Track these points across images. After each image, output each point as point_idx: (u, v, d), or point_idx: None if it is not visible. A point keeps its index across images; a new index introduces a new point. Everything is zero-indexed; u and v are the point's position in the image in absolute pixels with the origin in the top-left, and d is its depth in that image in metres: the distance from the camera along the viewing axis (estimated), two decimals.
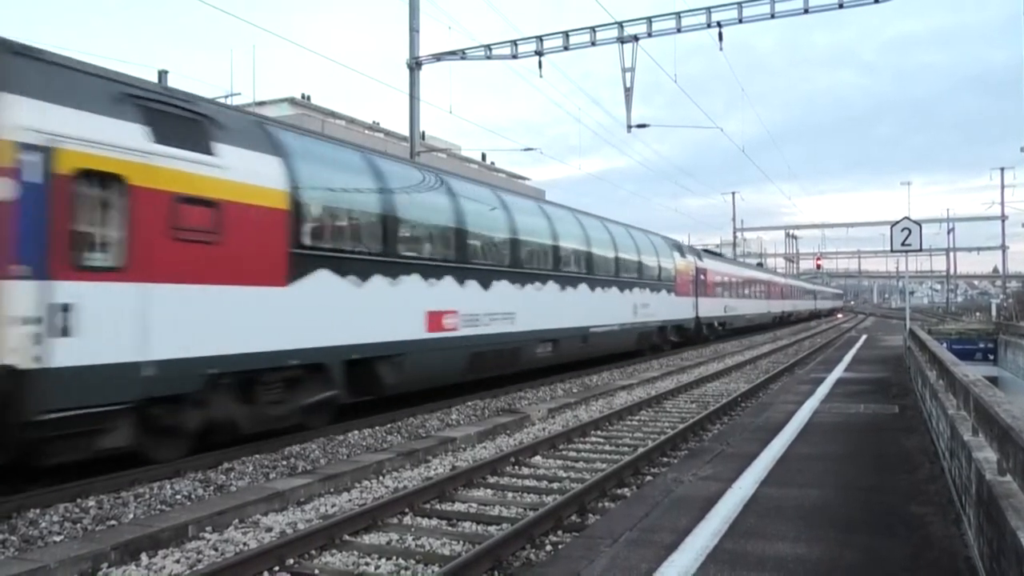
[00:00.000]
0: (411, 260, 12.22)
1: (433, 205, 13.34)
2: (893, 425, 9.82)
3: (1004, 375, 29.42)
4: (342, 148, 11.98)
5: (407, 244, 12.38)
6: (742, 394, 15.17)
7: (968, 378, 6.48)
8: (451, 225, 13.61)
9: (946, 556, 4.81)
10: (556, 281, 17.24)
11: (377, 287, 11.24)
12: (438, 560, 5.91)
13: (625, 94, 20.95)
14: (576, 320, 18.09)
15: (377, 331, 11.23)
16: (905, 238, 19.45)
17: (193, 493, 7.52)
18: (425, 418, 11.92)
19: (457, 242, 13.68)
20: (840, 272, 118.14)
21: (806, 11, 18.78)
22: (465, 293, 13.51)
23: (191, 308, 8.20)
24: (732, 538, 5.16)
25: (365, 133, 52.18)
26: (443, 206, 13.56)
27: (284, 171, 9.61)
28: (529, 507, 7.41)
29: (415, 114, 21.64)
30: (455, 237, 13.66)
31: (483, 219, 14.92)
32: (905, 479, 6.88)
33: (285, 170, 9.62)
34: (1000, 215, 64.61)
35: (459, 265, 13.49)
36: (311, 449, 9.47)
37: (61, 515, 6.69)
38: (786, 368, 21.11)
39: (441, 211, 13.47)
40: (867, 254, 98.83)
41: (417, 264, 12.32)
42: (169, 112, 8.32)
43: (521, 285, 15.57)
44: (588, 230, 19.88)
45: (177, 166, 8.09)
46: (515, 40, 21.14)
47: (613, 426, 12.21)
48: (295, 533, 6.33)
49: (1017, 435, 3.70)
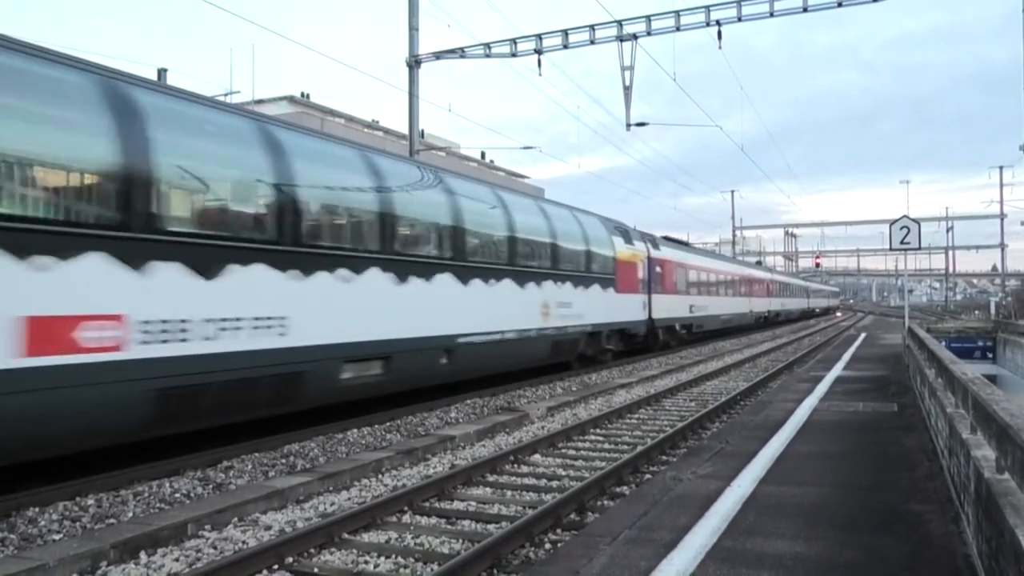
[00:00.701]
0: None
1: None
2: (892, 423, 9.83)
3: (1003, 373, 29.46)
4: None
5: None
6: (741, 392, 15.18)
7: (967, 376, 6.49)
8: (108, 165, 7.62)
9: (945, 554, 4.82)
10: (387, 267, 11.32)
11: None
12: (437, 558, 5.91)
13: (624, 92, 20.96)
14: (429, 325, 12.26)
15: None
16: (904, 236, 19.48)
17: (192, 491, 7.52)
18: (424, 416, 11.92)
19: (121, 195, 7.65)
20: (839, 270, 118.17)
21: (805, 9, 18.78)
22: (150, 284, 7.74)
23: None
24: (731, 536, 5.17)
25: (364, 131, 52.21)
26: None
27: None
28: (528, 505, 7.41)
29: (414, 112, 21.63)
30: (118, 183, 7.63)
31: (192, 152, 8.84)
32: (904, 477, 6.89)
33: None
34: (999, 213, 64.72)
35: (129, 237, 7.62)
36: (310, 447, 9.47)
37: (60, 513, 6.68)
38: (785, 366, 21.12)
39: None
40: (866, 252, 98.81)
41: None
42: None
43: (303, 273, 9.66)
44: (459, 197, 13.86)
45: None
46: (514, 38, 21.13)
47: (612, 424, 12.21)
48: (294, 531, 6.33)
49: (1015, 433, 3.71)
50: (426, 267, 12.41)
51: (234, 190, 9.51)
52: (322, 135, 12.34)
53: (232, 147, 9.44)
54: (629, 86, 20.81)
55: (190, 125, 8.95)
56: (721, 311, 34.96)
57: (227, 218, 9.16)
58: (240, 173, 9.49)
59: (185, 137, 8.78)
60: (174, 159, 8.35)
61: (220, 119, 9.55)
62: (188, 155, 8.67)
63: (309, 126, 14.43)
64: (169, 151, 8.25)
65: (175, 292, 8.02)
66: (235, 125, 9.63)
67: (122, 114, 7.82)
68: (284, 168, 9.70)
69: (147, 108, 8.18)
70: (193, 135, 8.95)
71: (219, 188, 9.29)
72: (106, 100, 7.74)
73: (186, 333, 8.09)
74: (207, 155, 9.11)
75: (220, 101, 12.71)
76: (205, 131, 9.18)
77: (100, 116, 7.64)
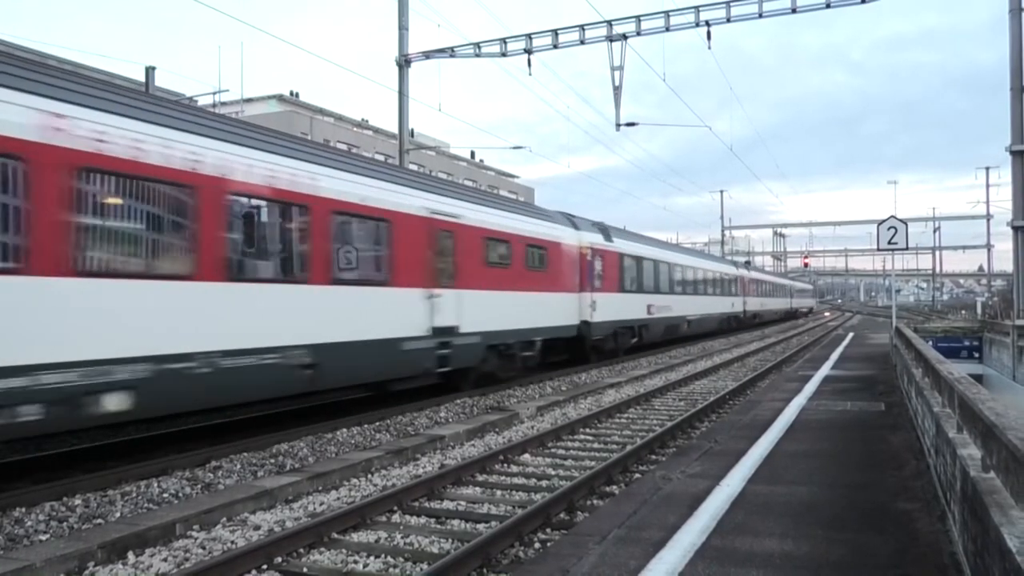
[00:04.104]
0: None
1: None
2: (879, 422, 9.89)
3: (989, 373, 29.69)
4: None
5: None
6: (730, 391, 15.24)
7: (953, 376, 6.54)
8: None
9: (931, 552, 4.85)
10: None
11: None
12: (427, 558, 5.91)
13: (614, 92, 21.00)
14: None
15: None
16: (891, 237, 19.61)
17: (180, 491, 7.49)
18: (414, 416, 11.91)
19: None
20: (827, 270, 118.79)
21: (794, 11, 18.90)
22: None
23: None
24: (720, 535, 5.19)
25: (353, 130, 52.08)
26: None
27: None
28: (518, 505, 7.42)
29: (404, 111, 21.62)
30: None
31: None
32: (891, 476, 6.93)
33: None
34: (986, 214, 65.29)
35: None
36: (299, 447, 9.45)
37: (47, 513, 6.64)
38: (774, 366, 21.21)
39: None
40: (854, 252, 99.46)
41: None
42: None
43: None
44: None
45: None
46: (504, 38, 21.15)
47: (602, 424, 12.24)
48: (283, 531, 6.31)
49: (1001, 432, 3.74)
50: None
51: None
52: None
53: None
54: (619, 86, 20.86)
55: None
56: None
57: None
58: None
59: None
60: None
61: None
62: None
63: (298, 125, 14.58)
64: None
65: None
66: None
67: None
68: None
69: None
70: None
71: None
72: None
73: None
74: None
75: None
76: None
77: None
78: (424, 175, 16.04)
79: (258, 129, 10.47)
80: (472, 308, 14.17)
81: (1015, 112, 21.75)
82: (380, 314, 11.70)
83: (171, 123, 8.52)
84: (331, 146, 15.45)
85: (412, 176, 14.20)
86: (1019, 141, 21.86)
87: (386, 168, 13.86)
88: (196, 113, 9.88)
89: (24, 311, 6.93)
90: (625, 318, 22.82)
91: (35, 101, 7.08)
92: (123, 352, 7.73)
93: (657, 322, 26.24)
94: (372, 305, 11.58)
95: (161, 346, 8.12)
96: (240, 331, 9.14)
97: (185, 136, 8.59)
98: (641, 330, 24.48)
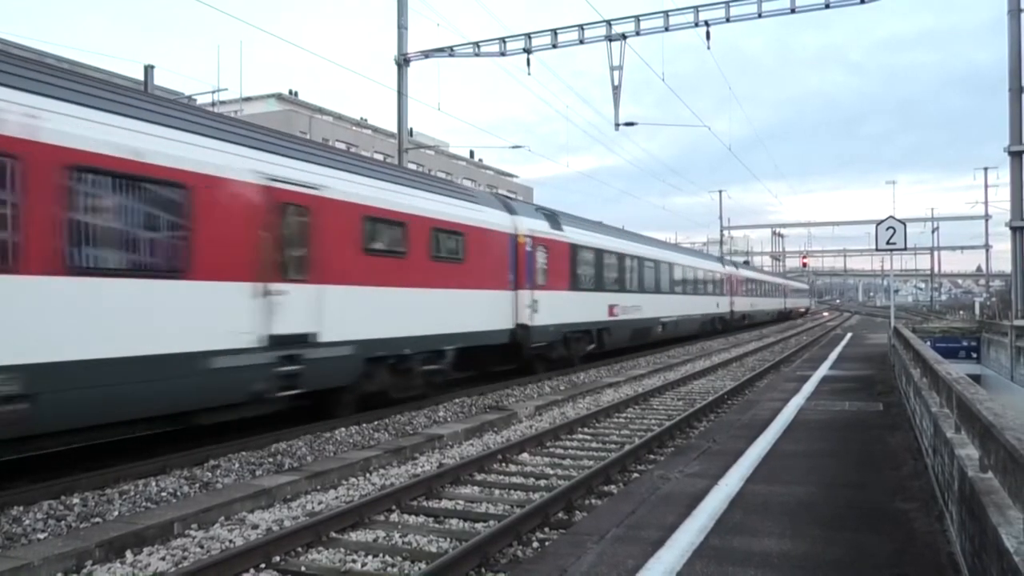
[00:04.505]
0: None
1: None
2: (878, 422, 9.90)
3: (987, 373, 29.70)
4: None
5: None
6: (728, 391, 15.25)
7: (951, 376, 6.54)
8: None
9: (929, 552, 4.86)
10: None
11: None
12: (425, 557, 5.91)
13: (613, 92, 21.01)
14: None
15: None
16: (890, 237, 19.62)
17: (179, 490, 7.48)
18: (412, 415, 11.91)
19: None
20: (826, 270, 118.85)
21: (793, 11, 18.92)
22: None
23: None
24: (718, 534, 5.19)
25: (352, 129, 52.06)
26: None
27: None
28: (516, 504, 7.42)
29: (403, 111, 21.61)
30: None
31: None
32: (889, 476, 6.94)
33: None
34: (984, 214, 65.28)
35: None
36: (298, 446, 9.44)
37: (45, 512, 6.64)
38: (772, 366, 21.23)
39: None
40: (853, 252, 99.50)
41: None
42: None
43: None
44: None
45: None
46: (503, 37, 21.14)
47: (600, 423, 12.24)
48: (281, 530, 6.31)
49: (999, 432, 3.74)
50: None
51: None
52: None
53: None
54: (618, 86, 20.86)
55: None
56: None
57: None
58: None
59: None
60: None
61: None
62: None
63: (296, 124, 14.04)
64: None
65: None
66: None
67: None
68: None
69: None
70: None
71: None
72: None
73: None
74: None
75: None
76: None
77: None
78: (259, 127, 11.03)
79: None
80: (341, 309, 10.82)
81: (1014, 112, 21.76)
82: (164, 317, 8.25)
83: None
84: (63, 67, 9.48)
85: (234, 126, 10.18)
86: (1018, 141, 21.87)
87: (187, 112, 9.71)
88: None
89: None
90: (579, 320, 19.53)
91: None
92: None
93: (622, 325, 22.79)
94: (147, 304, 8.08)
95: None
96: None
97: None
98: (602, 334, 21.19)
